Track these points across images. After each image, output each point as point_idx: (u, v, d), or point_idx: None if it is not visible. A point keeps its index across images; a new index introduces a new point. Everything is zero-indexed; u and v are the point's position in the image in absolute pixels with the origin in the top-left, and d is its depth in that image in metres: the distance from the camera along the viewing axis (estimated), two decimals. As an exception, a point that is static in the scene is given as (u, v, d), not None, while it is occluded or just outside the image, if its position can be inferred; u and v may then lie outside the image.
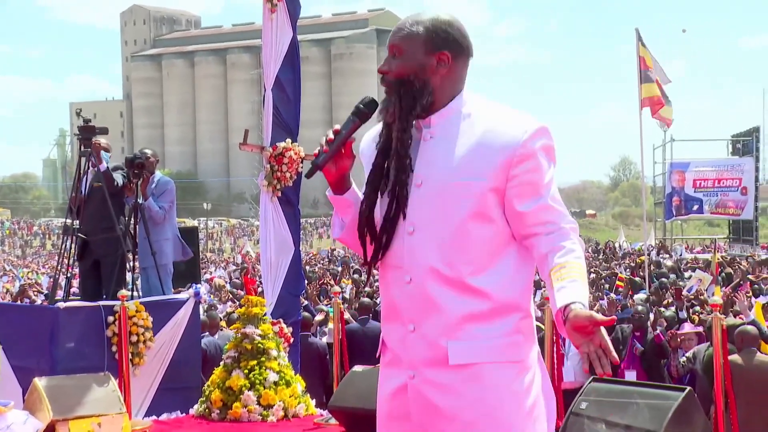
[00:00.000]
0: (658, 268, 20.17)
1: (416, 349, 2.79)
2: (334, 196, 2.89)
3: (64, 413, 6.51)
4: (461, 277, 2.73)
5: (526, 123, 2.76)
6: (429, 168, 2.77)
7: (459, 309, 2.74)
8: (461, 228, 2.73)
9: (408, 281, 2.77)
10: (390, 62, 2.82)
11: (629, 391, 5.66)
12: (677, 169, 34.16)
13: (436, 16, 2.84)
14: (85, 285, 8.41)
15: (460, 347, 2.74)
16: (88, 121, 8.11)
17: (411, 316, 2.79)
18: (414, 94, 2.77)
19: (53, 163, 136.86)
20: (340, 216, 2.92)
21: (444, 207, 2.74)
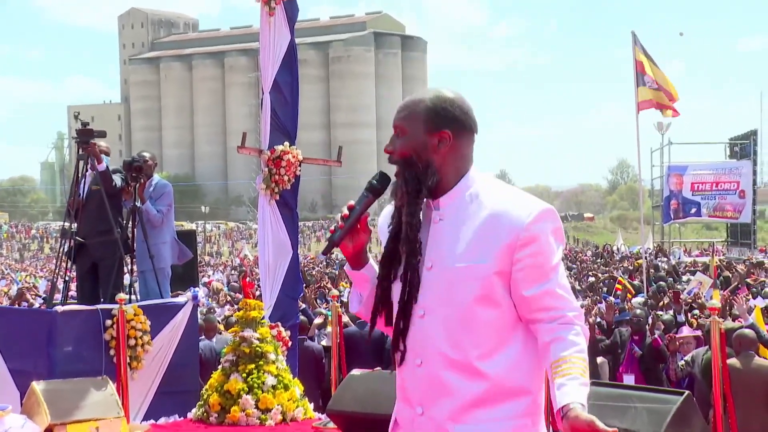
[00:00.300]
0: (656, 272, 20.19)
1: (423, 431, 2.80)
2: (351, 271, 2.93)
3: (62, 417, 6.50)
4: (469, 360, 2.73)
5: (530, 206, 2.75)
6: (438, 251, 2.78)
7: (466, 393, 2.74)
8: (468, 311, 2.73)
9: (419, 364, 2.79)
10: (394, 142, 2.85)
11: (628, 395, 5.65)
12: (675, 172, 34.19)
13: (437, 93, 2.84)
14: (82, 288, 8.40)
15: (467, 430, 2.75)
16: (86, 124, 8.10)
17: (420, 398, 2.80)
18: (418, 176, 2.78)
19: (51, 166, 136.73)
20: (359, 291, 2.96)
21: (451, 290, 2.74)
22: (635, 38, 15.18)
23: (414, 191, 2.77)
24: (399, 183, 2.81)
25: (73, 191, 8.18)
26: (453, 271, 2.73)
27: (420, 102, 2.82)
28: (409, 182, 2.78)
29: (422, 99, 2.83)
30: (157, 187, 8.87)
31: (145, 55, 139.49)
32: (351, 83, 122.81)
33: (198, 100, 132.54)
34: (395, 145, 2.84)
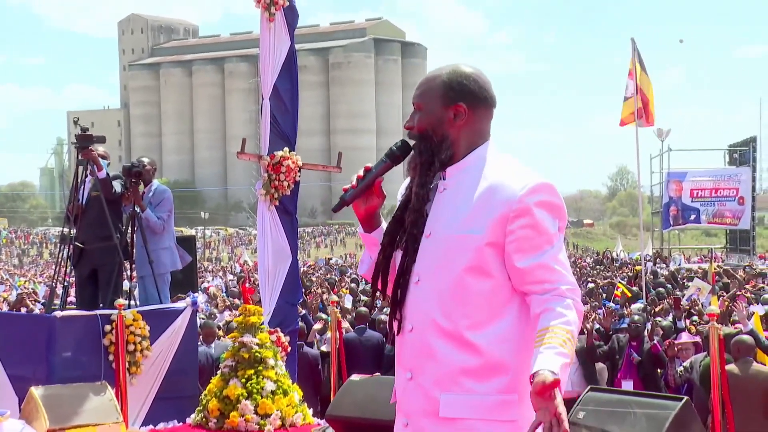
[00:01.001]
0: (655, 278, 20.18)
1: (412, 397, 2.83)
2: (363, 234, 2.98)
3: (61, 423, 6.49)
4: (459, 330, 2.75)
5: (526, 178, 2.76)
6: (437, 220, 2.82)
7: (454, 362, 2.75)
8: (459, 281, 2.75)
9: (410, 330, 2.82)
10: (413, 117, 2.90)
11: (627, 401, 5.65)
12: (674, 178, 34.20)
13: (454, 68, 2.89)
14: (82, 294, 8.40)
15: (452, 400, 2.76)
16: (85, 129, 8.11)
17: (409, 364, 2.83)
18: (432, 149, 2.83)
19: (51, 171, 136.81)
20: (370, 253, 3.00)
21: (445, 259, 2.77)
22: (634, 45, 15.21)
23: (427, 163, 2.83)
24: (414, 155, 2.87)
25: (73, 197, 8.18)
26: (448, 240, 2.77)
27: (437, 77, 2.87)
28: (423, 154, 2.84)
29: (439, 74, 2.88)
30: (156, 192, 8.88)
31: (144, 61, 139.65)
32: (351, 89, 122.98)
33: (198, 105, 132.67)
34: (414, 121, 2.88)
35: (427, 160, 2.82)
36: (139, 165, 8.65)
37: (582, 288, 21.07)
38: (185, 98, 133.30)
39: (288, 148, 8.42)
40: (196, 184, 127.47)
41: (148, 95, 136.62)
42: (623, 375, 9.57)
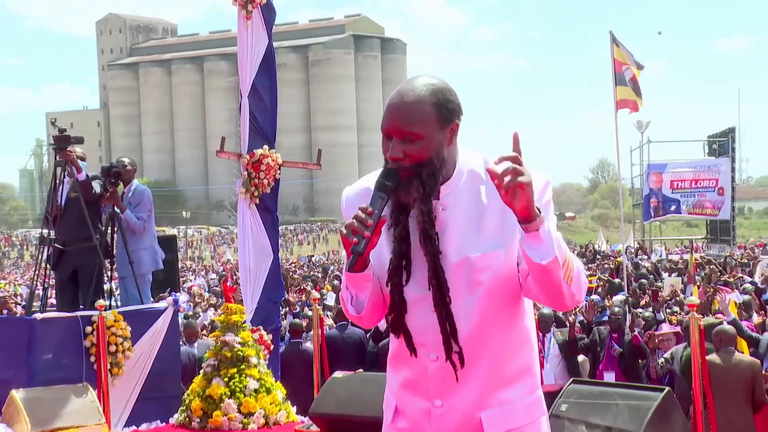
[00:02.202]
0: (637, 270, 20.27)
1: (445, 422, 2.75)
2: (353, 274, 2.72)
3: (43, 425, 6.47)
4: (491, 348, 2.72)
5: (535, 182, 2.62)
6: (448, 243, 2.70)
7: (491, 379, 2.73)
8: (489, 300, 2.69)
9: (434, 359, 2.73)
10: (402, 147, 2.65)
11: (609, 393, 5.67)
12: (654, 170, 34.30)
13: (432, 87, 2.69)
14: (62, 295, 8.36)
15: (493, 416, 2.73)
16: (63, 130, 8.07)
17: (438, 392, 2.75)
18: (435, 174, 2.67)
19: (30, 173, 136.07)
20: (356, 293, 2.77)
21: (470, 281, 2.69)
22: (613, 37, 15.24)
23: (430, 191, 2.67)
24: (414, 185, 2.65)
25: (52, 198, 8.14)
26: (467, 261, 2.67)
27: (421, 101, 2.66)
28: (427, 183, 2.65)
29: (421, 96, 2.66)
30: (136, 193, 8.84)
31: (123, 61, 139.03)
32: (331, 86, 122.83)
33: (178, 105, 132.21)
34: (406, 151, 2.65)
35: (430, 187, 2.66)
36: (118, 165, 8.61)
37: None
38: (165, 98, 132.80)
39: (267, 145, 8.41)
40: (177, 183, 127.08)
41: (128, 95, 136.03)
42: (605, 367, 9.61)
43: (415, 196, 2.66)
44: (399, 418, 2.86)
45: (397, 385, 2.86)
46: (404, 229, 2.70)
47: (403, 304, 2.73)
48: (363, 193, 2.80)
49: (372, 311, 2.80)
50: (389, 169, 2.67)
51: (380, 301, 2.79)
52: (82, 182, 8.04)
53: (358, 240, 2.59)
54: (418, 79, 2.74)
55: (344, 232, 2.61)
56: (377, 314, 2.83)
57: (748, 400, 7.53)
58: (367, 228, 2.59)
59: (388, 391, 2.92)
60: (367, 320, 2.85)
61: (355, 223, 2.59)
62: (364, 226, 2.59)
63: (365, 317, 2.82)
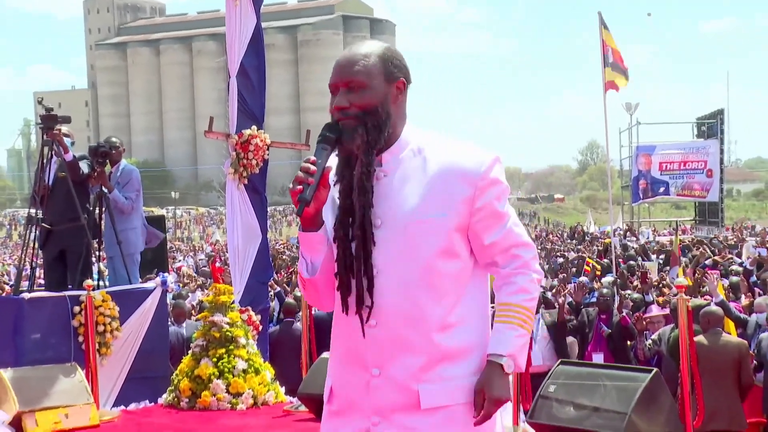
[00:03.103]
0: (625, 251, 20.33)
1: (382, 393, 2.73)
2: (307, 233, 2.72)
3: (31, 404, 6.46)
4: (429, 316, 2.69)
5: (481, 155, 2.73)
6: (387, 208, 2.70)
7: (428, 351, 2.70)
8: (427, 267, 2.69)
9: (374, 325, 2.71)
10: (347, 96, 2.71)
11: (597, 374, 5.69)
12: (643, 152, 34.37)
13: (382, 45, 2.79)
14: (50, 275, 8.32)
15: (431, 390, 2.71)
16: (50, 110, 8.02)
17: (376, 360, 2.72)
18: (380, 125, 2.70)
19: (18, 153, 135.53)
20: (310, 256, 2.76)
21: (408, 247, 2.68)
22: (601, 19, 15.25)
23: (374, 141, 2.69)
24: (358, 131, 2.68)
25: (39, 178, 8.10)
26: (409, 228, 2.68)
27: (372, 54, 2.73)
28: (371, 132, 2.68)
29: (372, 51, 2.74)
30: (124, 172, 8.80)
31: (111, 41, 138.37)
32: (320, 67, 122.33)
33: (166, 85, 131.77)
34: (351, 99, 2.70)
35: (374, 138, 2.69)
36: (106, 145, 8.56)
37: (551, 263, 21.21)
38: (153, 78, 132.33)
39: (256, 126, 8.38)
40: (166, 163, 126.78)
41: (116, 75, 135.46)
42: (593, 348, 9.64)
43: (358, 143, 2.69)
44: (334, 399, 2.85)
45: (336, 361, 2.85)
46: (348, 184, 2.72)
47: (351, 260, 2.71)
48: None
49: (327, 280, 2.77)
50: (332, 123, 2.72)
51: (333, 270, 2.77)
52: (70, 162, 8.00)
53: (303, 188, 2.62)
54: (366, 41, 2.85)
55: (290, 186, 2.63)
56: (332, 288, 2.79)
57: (736, 381, 7.56)
58: (311, 175, 2.62)
59: (327, 372, 2.91)
60: (325, 294, 2.81)
61: (299, 173, 2.62)
62: (308, 174, 2.62)
63: (319, 286, 2.78)
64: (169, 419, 7.10)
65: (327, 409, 2.88)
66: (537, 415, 5.73)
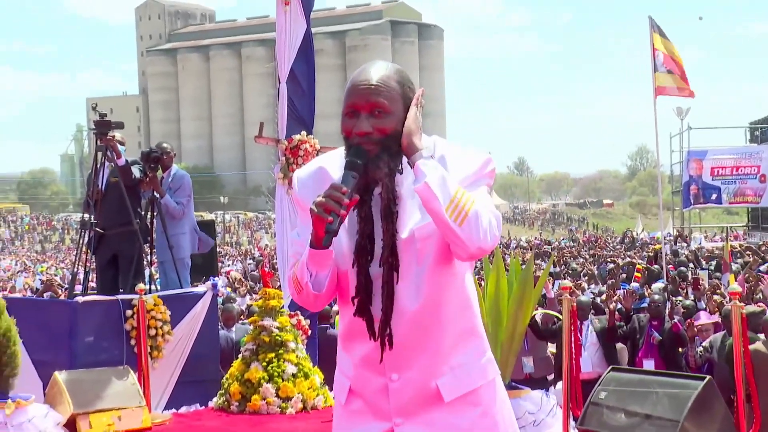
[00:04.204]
0: (676, 257, 20.10)
1: (402, 395, 2.77)
2: (318, 251, 2.67)
3: (85, 407, 6.55)
4: (435, 313, 2.73)
5: (479, 153, 2.78)
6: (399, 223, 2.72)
7: (442, 348, 2.76)
8: (431, 268, 2.72)
9: (387, 333, 2.73)
10: (370, 121, 2.70)
11: (648, 381, 5.63)
12: (694, 157, 33.99)
13: (396, 68, 2.80)
14: (102, 279, 8.44)
15: (449, 382, 2.77)
16: (104, 115, 8.13)
17: (393, 366, 2.76)
18: (400, 150, 2.72)
19: (71, 158, 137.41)
20: (317, 271, 2.72)
21: (417, 253, 2.71)
22: (652, 23, 15.08)
23: (395, 167, 2.71)
24: (384, 160, 2.69)
25: (92, 182, 8.22)
26: (414, 233, 2.70)
27: (390, 78, 2.75)
28: (395, 158, 2.71)
29: (389, 75, 2.75)
30: (175, 177, 8.91)
31: (162, 47, 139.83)
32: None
33: (215, 90, 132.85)
34: (375, 124, 2.70)
35: (396, 163, 2.72)
36: (158, 150, 8.68)
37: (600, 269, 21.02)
38: (203, 83, 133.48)
39: (305, 131, 8.42)
40: (215, 169, 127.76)
41: (166, 81, 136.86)
42: (644, 355, 9.54)
43: (385, 171, 2.70)
44: (354, 399, 2.86)
45: (352, 365, 2.86)
46: (369, 209, 2.73)
47: (370, 285, 2.73)
48: (316, 174, 2.85)
49: (328, 291, 2.78)
50: (357, 147, 2.70)
51: (335, 281, 2.79)
52: (122, 167, 8.11)
53: (332, 219, 2.59)
54: (378, 61, 2.84)
55: (316, 210, 2.59)
56: (330, 295, 2.82)
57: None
58: (342, 207, 2.59)
59: (339, 373, 2.93)
60: (321, 301, 2.81)
61: (329, 202, 2.58)
62: (339, 205, 2.59)
63: (322, 297, 2.78)
64: (220, 422, 7.16)
65: (344, 409, 2.89)
66: (587, 421, 5.69)
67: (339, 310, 2.94)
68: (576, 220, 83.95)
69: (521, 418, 5.74)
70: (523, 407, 5.85)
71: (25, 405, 6.21)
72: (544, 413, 5.94)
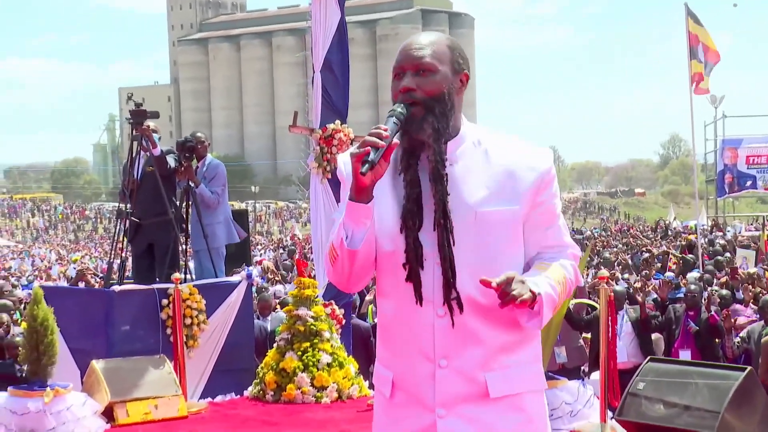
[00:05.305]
0: (711, 247, 19.92)
1: (449, 384, 2.69)
2: (356, 204, 2.62)
3: (122, 395, 6.59)
4: (495, 304, 2.62)
5: (544, 152, 2.78)
6: (455, 197, 2.67)
7: (496, 339, 2.69)
8: (495, 255, 2.68)
9: (442, 315, 2.67)
10: (416, 79, 2.69)
11: (687, 371, 5.59)
12: (729, 146, 33.67)
13: (449, 37, 2.80)
14: (138, 268, 8.49)
15: (498, 378, 2.69)
16: (139, 105, 8.15)
17: (443, 351, 2.68)
18: (447, 113, 2.68)
19: (103, 148, 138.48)
20: (353, 228, 2.65)
21: (479, 236, 2.66)
22: (688, 10, 14.92)
23: (443, 129, 2.67)
24: (428, 121, 2.65)
25: (128, 172, 8.26)
26: (478, 216, 2.66)
27: (440, 42, 2.73)
28: (440, 119, 2.66)
29: (440, 40, 2.75)
30: (210, 167, 8.93)
31: (193, 36, 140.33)
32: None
33: (246, 80, 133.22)
34: (420, 83, 2.68)
35: (443, 126, 2.67)
36: (193, 140, 8.70)
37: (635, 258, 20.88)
38: (234, 73, 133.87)
39: (340, 120, 8.41)
40: (246, 158, 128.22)
41: (198, 71, 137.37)
42: (680, 345, 9.48)
43: (429, 132, 2.66)
44: (397, 392, 2.78)
45: (394, 355, 2.78)
46: (415, 173, 2.68)
47: (419, 249, 2.66)
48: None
49: (364, 258, 2.69)
50: (407, 104, 2.68)
51: (372, 254, 2.71)
52: (158, 157, 8.14)
53: (371, 151, 2.55)
54: (430, 31, 2.84)
55: (355, 151, 2.57)
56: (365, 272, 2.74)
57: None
58: (383, 140, 2.56)
59: (380, 367, 2.85)
60: (357, 270, 2.72)
61: (368, 138, 2.57)
62: (379, 139, 2.56)
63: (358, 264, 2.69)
64: (255, 412, 7.18)
65: (387, 402, 2.81)
66: (626, 412, 5.65)
67: (377, 298, 2.86)
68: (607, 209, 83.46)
69: (558, 408, 5.71)
70: (559, 398, 5.81)
71: (64, 393, 6.26)
72: (581, 404, 5.90)
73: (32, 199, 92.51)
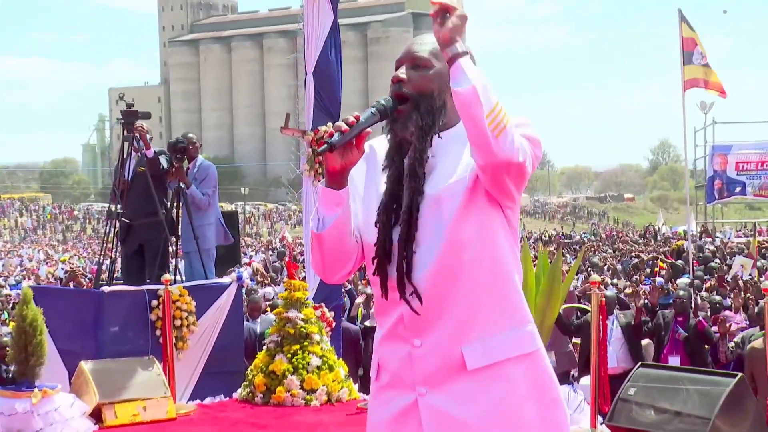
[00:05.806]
0: (700, 253, 19.96)
1: (426, 362, 2.69)
2: (327, 189, 2.67)
3: (110, 396, 6.57)
4: (464, 276, 2.64)
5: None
6: (427, 187, 2.68)
7: (467, 311, 2.66)
8: (454, 230, 2.65)
9: (411, 300, 2.67)
10: (409, 72, 2.71)
11: (678, 377, 5.59)
12: (719, 152, 33.76)
13: None
14: (128, 269, 8.45)
15: (475, 349, 2.66)
16: (131, 105, 8.13)
17: (416, 331, 2.69)
18: (434, 111, 2.68)
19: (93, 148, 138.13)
20: (324, 213, 2.69)
21: (439, 215, 2.65)
22: (682, 15, 14.91)
23: (428, 127, 2.66)
24: (411, 116, 2.67)
25: (119, 173, 8.22)
26: (438, 197, 2.65)
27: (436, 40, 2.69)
28: (424, 117, 2.67)
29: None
30: (201, 168, 8.90)
31: (184, 38, 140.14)
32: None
33: (237, 82, 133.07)
34: (412, 76, 2.70)
35: (428, 124, 2.67)
36: (184, 141, 8.67)
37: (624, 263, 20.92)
38: (224, 74, 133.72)
39: (332, 122, 8.38)
40: (236, 159, 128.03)
41: (188, 71, 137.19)
42: (669, 351, 9.46)
43: (412, 130, 2.68)
44: (382, 373, 2.81)
45: (379, 340, 2.82)
46: (398, 170, 2.71)
47: (390, 245, 2.69)
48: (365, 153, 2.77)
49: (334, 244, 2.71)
50: (395, 98, 2.70)
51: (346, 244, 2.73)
52: (151, 158, 8.11)
53: (332, 134, 2.58)
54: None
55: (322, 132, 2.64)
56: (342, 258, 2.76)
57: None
58: (351, 126, 2.59)
59: (373, 353, 2.89)
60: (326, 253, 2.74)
61: (338, 123, 2.61)
62: (346, 125, 2.60)
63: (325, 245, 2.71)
64: (244, 414, 7.16)
65: (375, 386, 2.85)
66: (616, 418, 5.65)
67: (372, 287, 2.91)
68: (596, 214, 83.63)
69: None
70: (550, 402, 5.80)
71: (52, 394, 6.23)
72: (572, 409, 5.90)
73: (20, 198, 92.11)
